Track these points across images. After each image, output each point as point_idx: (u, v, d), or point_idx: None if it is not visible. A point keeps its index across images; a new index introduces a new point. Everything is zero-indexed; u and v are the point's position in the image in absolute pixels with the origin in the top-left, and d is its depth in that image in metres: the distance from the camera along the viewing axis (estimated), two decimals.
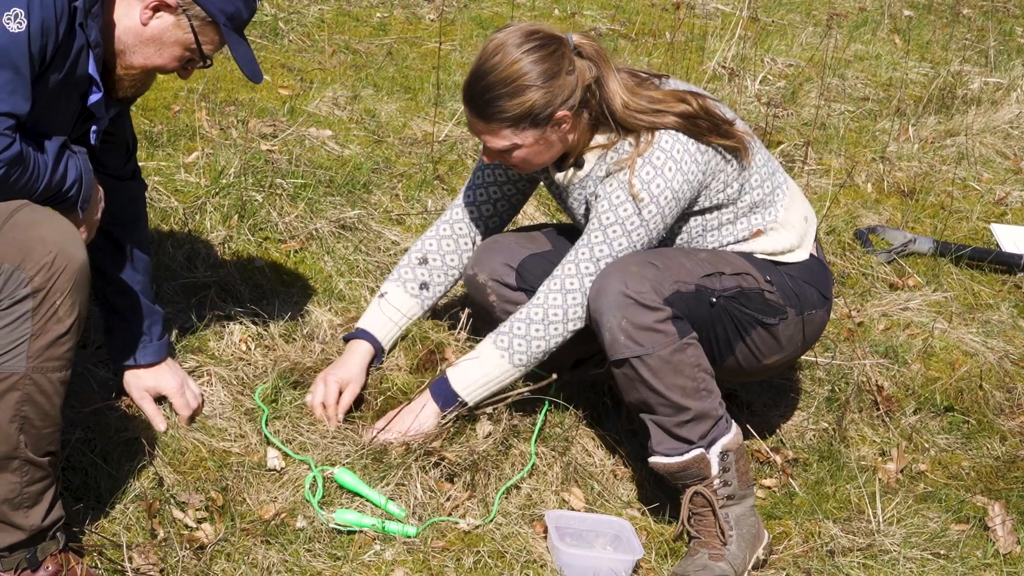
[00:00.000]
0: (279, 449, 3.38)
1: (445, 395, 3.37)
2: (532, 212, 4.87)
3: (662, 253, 3.33)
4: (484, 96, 3.21)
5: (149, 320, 3.39)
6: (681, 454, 3.27)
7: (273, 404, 3.51)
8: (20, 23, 2.59)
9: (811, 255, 3.55)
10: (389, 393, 3.51)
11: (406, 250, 4.41)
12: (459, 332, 3.68)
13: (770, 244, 3.47)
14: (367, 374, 3.56)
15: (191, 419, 3.43)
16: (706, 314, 3.32)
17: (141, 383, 3.40)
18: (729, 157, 3.36)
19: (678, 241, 3.45)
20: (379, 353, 3.59)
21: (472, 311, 3.71)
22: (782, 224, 3.48)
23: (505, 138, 3.25)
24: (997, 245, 5.44)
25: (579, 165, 3.40)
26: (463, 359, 3.42)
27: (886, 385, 4.22)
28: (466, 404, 3.38)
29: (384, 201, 4.81)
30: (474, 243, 3.68)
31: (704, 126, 3.29)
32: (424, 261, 3.66)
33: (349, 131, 5.36)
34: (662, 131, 3.27)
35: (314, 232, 4.42)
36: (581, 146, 3.36)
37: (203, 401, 3.50)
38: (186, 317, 3.76)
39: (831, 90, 6.99)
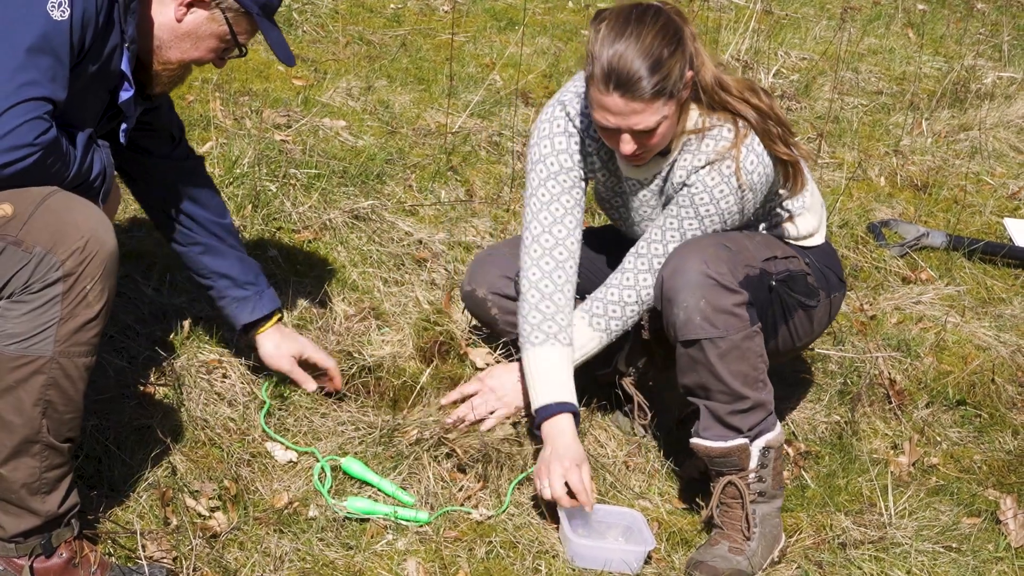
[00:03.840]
0: (278, 442, 3.39)
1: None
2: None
3: (728, 236, 3.29)
4: (638, 74, 3.04)
5: (253, 272, 3.46)
6: (725, 440, 3.25)
7: (281, 397, 3.53)
8: (64, 11, 2.59)
9: (824, 239, 3.56)
10: (403, 379, 3.54)
11: (419, 241, 4.43)
12: (471, 325, 3.69)
13: (797, 228, 3.47)
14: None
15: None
16: (764, 298, 3.29)
17: (286, 349, 3.48)
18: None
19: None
20: (577, 414, 3.39)
21: (473, 327, 3.67)
22: (808, 208, 3.47)
23: (657, 112, 3.09)
24: (1010, 239, 5.42)
25: (663, 154, 3.29)
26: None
27: (898, 378, 4.22)
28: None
29: (397, 192, 4.81)
30: (573, 260, 3.41)
31: (776, 133, 3.22)
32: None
33: (363, 122, 5.37)
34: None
35: (328, 222, 4.42)
36: (677, 128, 3.24)
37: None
38: (200, 306, 3.77)
39: (844, 83, 6.98)
